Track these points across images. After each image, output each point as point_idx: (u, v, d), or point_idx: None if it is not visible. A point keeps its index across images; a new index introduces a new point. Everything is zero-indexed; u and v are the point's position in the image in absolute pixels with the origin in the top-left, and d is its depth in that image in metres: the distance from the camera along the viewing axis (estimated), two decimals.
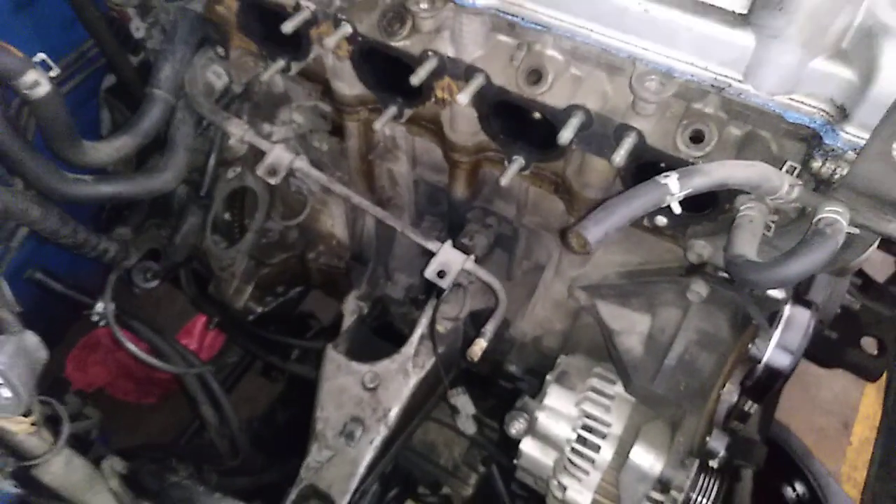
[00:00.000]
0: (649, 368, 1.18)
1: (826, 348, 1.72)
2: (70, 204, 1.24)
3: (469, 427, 1.51)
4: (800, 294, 1.07)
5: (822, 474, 1.84)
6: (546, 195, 1.26)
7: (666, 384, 1.16)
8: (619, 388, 1.23)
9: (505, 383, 1.62)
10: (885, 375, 1.75)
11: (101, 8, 1.34)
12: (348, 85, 1.27)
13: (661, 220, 1.08)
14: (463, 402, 1.48)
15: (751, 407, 1.07)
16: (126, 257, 1.34)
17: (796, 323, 1.05)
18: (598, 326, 1.32)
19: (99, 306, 1.34)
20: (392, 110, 1.21)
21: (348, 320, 1.64)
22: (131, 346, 1.31)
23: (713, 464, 1.07)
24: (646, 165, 1.02)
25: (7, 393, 0.69)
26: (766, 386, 1.07)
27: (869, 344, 1.87)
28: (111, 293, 1.31)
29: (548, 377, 1.28)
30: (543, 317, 1.46)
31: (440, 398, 1.54)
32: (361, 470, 1.41)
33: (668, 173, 0.82)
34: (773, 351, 1.04)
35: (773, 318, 1.04)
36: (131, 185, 1.29)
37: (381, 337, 1.67)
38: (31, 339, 0.76)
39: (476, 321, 1.49)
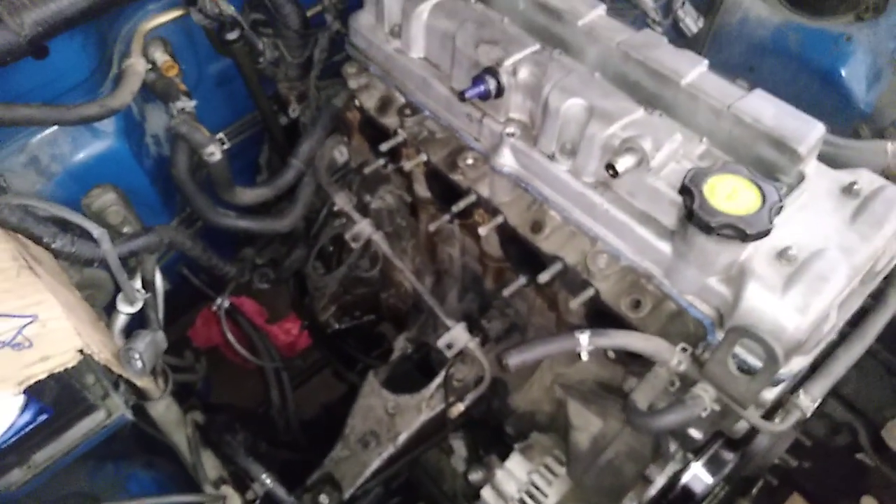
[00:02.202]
0: (587, 462, 1.50)
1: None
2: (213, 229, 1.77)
3: (460, 465, 1.88)
4: (733, 440, 1.33)
5: None
6: (545, 307, 1.61)
7: (595, 479, 1.48)
8: (563, 471, 1.55)
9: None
10: None
11: (268, 91, 1.86)
12: (422, 189, 1.70)
13: (611, 354, 1.41)
14: (458, 445, 1.85)
15: None
16: (242, 275, 1.86)
17: (718, 459, 1.34)
18: None
19: (218, 301, 1.87)
20: (446, 217, 1.62)
21: (395, 354, 2.07)
22: (230, 336, 1.82)
23: None
24: (601, 311, 1.35)
25: (139, 365, 1.17)
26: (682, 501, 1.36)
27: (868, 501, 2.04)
28: (227, 294, 1.83)
29: (516, 446, 1.63)
30: (536, 397, 1.80)
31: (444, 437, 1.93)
32: (367, 473, 1.82)
33: (583, 330, 1.17)
34: (692, 477, 1.34)
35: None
36: (259, 223, 1.80)
37: (422, 372, 2.08)
38: (160, 335, 1.25)
39: (492, 387, 1.86)
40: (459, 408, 1.61)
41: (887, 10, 2.01)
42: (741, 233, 1.02)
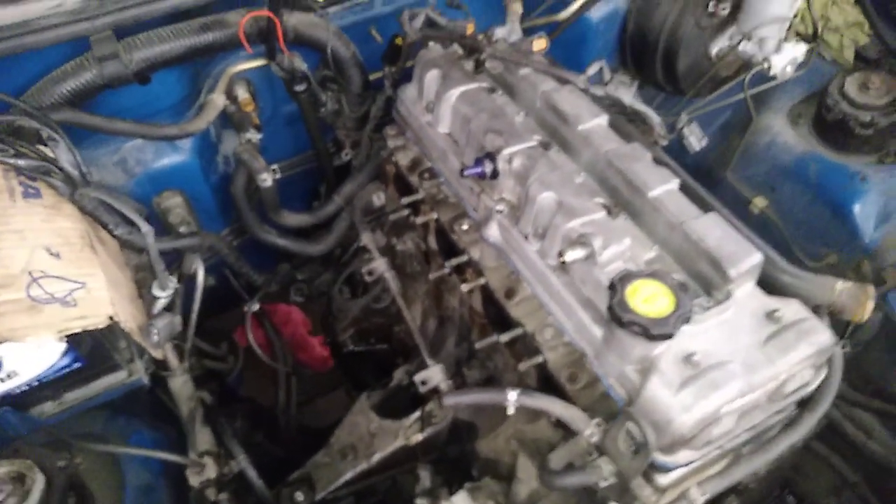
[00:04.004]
0: None
1: None
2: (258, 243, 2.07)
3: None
4: None
5: None
6: (514, 365, 1.80)
7: None
8: None
9: None
10: None
11: (328, 135, 2.18)
12: (433, 241, 1.95)
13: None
14: (424, 475, 2.03)
15: None
16: (269, 286, 2.16)
17: None
18: None
19: (251, 304, 2.17)
20: (446, 270, 1.86)
21: (393, 383, 2.30)
22: (250, 336, 2.11)
23: None
24: (547, 378, 1.54)
25: (155, 339, 1.46)
26: None
27: None
28: (257, 300, 2.13)
29: (466, 485, 1.80)
30: (499, 447, 1.97)
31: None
32: (340, 481, 2.04)
33: (514, 389, 1.37)
34: None
35: None
36: (296, 245, 2.10)
37: (414, 405, 2.29)
38: (178, 318, 1.54)
39: (464, 431, 2.05)
40: (418, 437, 1.81)
41: None
42: (646, 331, 1.20)
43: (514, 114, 1.69)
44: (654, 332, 1.20)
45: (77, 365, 1.49)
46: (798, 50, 2.14)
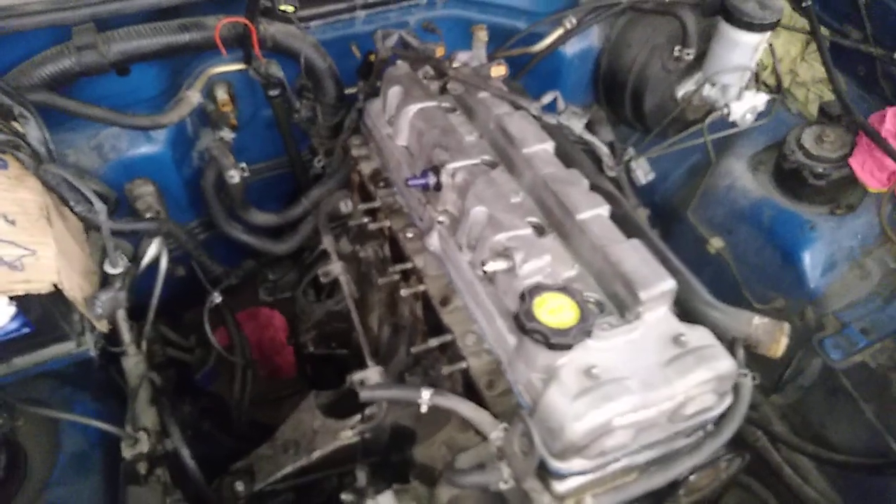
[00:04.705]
0: None
1: None
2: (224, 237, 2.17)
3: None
4: None
5: None
6: None
7: None
8: None
9: None
10: None
11: (303, 146, 2.28)
12: (387, 249, 2.03)
13: None
14: (360, 476, 2.08)
15: None
16: (227, 278, 2.25)
17: None
18: None
19: (212, 296, 2.25)
20: (394, 277, 1.93)
21: (345, 386, 2.36)
22: (207, 327, 2.18)
23: None
24: (470, 384, 1.60)
25: (98, 311, 1.55)
26: None
27: None
28: (218, 292, 2.21)
29: (394, 486, 1.85)
30: (434, 454, 2.03)
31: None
32: (279, 475, 2.09)
33: (427, 388, 1.43)
34: None
35: None
36: (260, 242, 2.19)
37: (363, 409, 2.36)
38: (122, 294, 1.63)
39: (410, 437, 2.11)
40: (348, 433, 1.87)
41: (855, 212, 2.19)
42: (547, 340, 1.27)
43: (467, 133, 1.78)
44: (554, 340, 1.27)
45: (26, 330, 1.58)
46: (758, 99, 2.23)
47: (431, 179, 1.63)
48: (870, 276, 2.17)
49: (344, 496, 1.84)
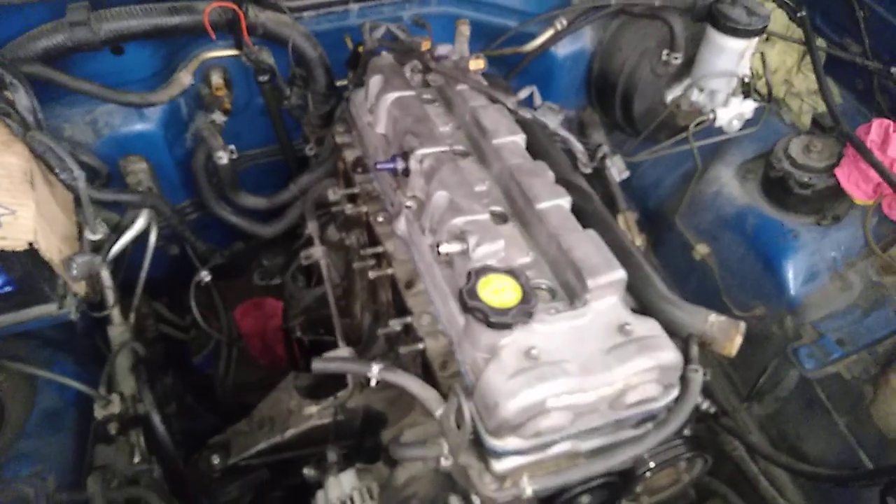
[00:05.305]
0: (394, 495, 1.75)
1: None
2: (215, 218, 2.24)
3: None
4: None
5: None
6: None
7: None
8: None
9: None
10: None
11: (296, 133, 2.35)
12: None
13: None
14: (330, 455, 2.12)
15: None
16: (213, 256, 2.32)
17: None
18: None
19: (200, 273, 2.32)
20: (369, 262, 1.98)
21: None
22: (194, 306, 2.25)
23: None
24: (426, 365, 1.63)
25: (73, 273, 1.63)
26: None
27: None
28: (208, 270, 2.28)
29: (357, 464, 1.89)
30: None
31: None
32: (253, 451, 2.15)
33: (376, 363, 1.47)
34: None
35: None
36: (246, 223, 2.26)
37: None
38: (98, 259, 1.70)
39: (380, 418, 2.15)
40: (312, 409, 1.91)
41: (840, 224, 2.17)
42: (486, 318, 1.30)
43: (442, 123, 1.82)
44: (493, 319, 1.30)
45: (8, 289, 1.66)
46: (745, 106, 2.23)
47: (400, 164, 1.68)
48: (851, 287, 2.15)
49: (306, 470, 1.88)
